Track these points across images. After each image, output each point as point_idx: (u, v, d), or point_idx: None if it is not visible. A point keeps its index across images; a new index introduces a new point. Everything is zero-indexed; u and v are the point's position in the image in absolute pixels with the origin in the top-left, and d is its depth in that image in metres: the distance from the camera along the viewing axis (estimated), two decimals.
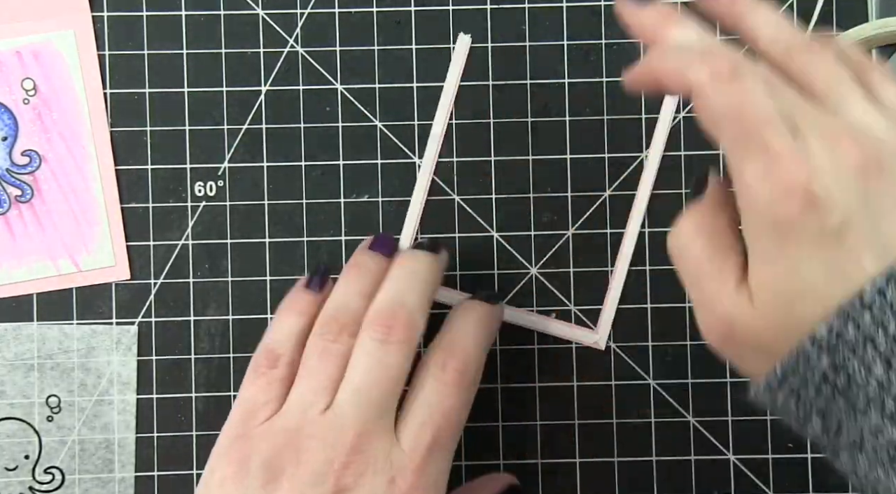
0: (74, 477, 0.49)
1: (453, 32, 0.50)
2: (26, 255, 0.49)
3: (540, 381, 0.50)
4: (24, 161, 0.49)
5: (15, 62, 0.50)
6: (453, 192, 0.50)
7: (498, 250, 0.50)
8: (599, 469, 0.49)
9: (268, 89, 0.50)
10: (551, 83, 0.50)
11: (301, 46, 0.50)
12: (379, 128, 0.50)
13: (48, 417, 0.49)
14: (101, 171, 0.50)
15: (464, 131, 0.50)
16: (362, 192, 0.50)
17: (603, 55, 0.50)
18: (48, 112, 0.50)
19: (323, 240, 0.50)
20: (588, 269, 0.50)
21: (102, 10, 0.50)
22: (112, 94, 0.50)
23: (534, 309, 0.50)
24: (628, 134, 0.50)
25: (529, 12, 0.50)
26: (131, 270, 0.50)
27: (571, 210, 0.50)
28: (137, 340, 0.50)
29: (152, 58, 0.50)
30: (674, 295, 0.50)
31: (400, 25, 0.50)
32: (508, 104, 0.50)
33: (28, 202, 0.49)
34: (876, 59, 0.45)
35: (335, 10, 0.50)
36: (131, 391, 0.49)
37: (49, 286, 0.49)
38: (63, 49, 0.49)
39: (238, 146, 0.50)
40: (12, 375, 0.49)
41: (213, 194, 0.50)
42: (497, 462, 0.49)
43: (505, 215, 0.50)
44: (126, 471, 0.49)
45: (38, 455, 0.49)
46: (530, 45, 0.50)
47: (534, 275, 0.50)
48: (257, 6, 0.50)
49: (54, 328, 0.49)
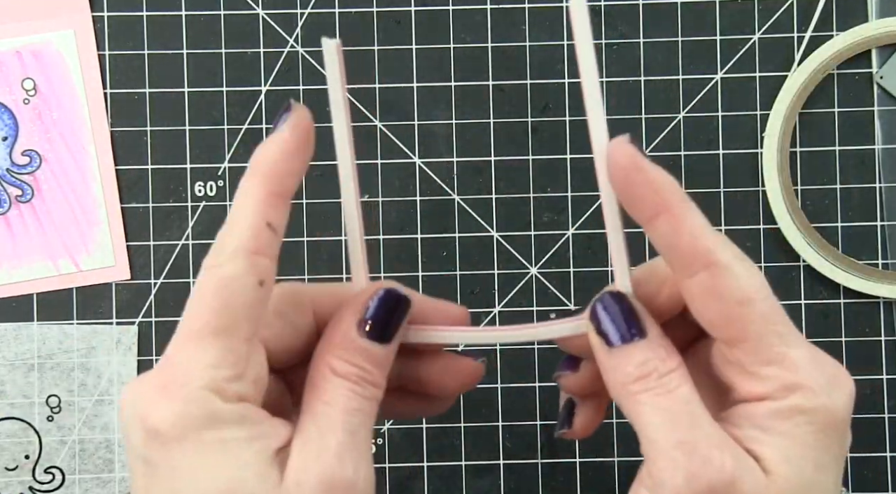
0: (74, 477, 0.49)
1: (453, 32, 0.50)
2: (26, 255, 0.49)
3: (540, 381, 0.50)
4: (25, 161, 0.49)
5: (15, 62, 0.50)
6: (453, 192, 0.50)
7: (498, 250, 0.50)
8: (599, 468, 0.49)
9: (268, 89, 0.50)
10: (551, 83, 0.50)
11: (301, 46, 0.50)
12: (379, 128, 0.50)
13: (48, 417, 0.49)
14: (101, 171, 0.50)
15: (464, 131, 0.50)
16: (362, 192, 0.50)
17: (603, 55, 0.50)
18: (48, 112, 0.50)
19: (323, 240, 0.50)
20: (588, 269, 0.50)
21: (102, 10, 0.50)
22: (112, 94, 0.50)
23: (533, 309, 0.50)
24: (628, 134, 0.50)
25: (529, 12, 0.50)
26: (131, 270, 0.50)
27: (571, 210, 0.50)
28: (137, 340, 0.50)
29: (152, 58, 0.50)
30: None
31: (400, 25, 0.50)
32: (508, 104, 0.50)
33: (28, 202, 0.49)
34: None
35: (335, 10, 0.50)
36: None
37: (49, 286, 0.49)
38: (63, 49, 0.49)
39: (238, 146, 0.50)
40: (12, 375, 0.49)
41: (213, 194, 0.50)
42: (497, 462, 0.49)
43: (505, 215, 0.50)
44: (126, 471, 0.49)
45: (38, 455, 0.49)
46: (530, 45, 0.50)
47: (534, 275, 0.50)
48: (257, 6, 0.50)
49: (54, 328, 0.50)
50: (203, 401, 0.27)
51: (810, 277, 0.50)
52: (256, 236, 0.28)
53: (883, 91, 0.50)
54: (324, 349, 0.30)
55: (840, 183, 0.50)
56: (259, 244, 0.28)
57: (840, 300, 0.50)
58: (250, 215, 0.28)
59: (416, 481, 0.49)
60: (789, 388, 0.28)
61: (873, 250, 0.50)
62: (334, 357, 0.29)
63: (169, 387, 0.27)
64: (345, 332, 0.30)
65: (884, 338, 0.50)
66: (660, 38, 0.50)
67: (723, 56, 0.50)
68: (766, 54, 0.50)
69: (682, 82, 0.50)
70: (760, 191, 0.50)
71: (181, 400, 0.26)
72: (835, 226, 0.50)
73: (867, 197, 0.50)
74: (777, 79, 0.50)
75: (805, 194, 0.50)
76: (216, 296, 0.27)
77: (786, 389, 0.28)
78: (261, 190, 0.29)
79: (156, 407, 0.27)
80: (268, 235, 0.28)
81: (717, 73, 0.50)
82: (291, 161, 0.29)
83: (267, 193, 0.29)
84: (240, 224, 0.28)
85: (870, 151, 0.50)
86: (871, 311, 0.50)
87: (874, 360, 0.50)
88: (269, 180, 0.29)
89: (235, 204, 0.29)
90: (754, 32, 0.50)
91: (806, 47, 0.50)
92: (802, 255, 0.49)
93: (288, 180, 0.29)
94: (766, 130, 0.50)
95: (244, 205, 0.29)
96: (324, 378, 0.29)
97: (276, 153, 0.29)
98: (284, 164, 0.29)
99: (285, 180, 0.29)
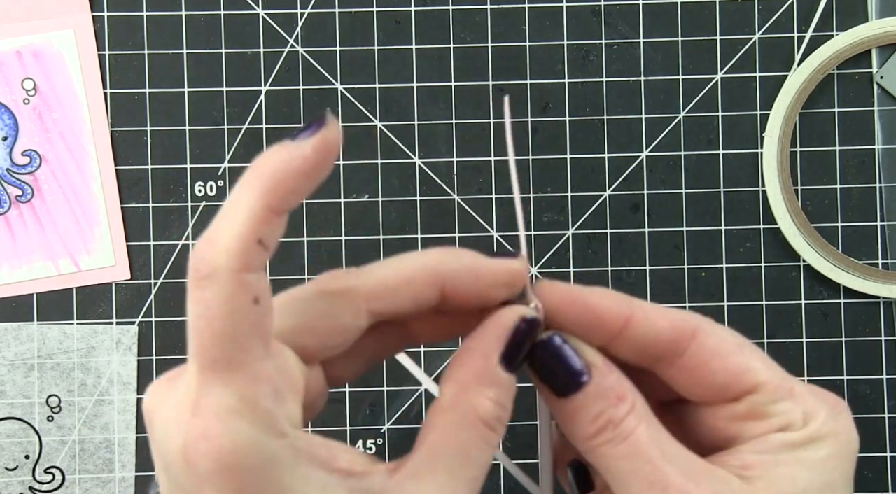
0: (74, 477, 0.49)
1: (453, 32, 0.50)
2: (26, 255, 0.49)
3: None
4: (25, 161, 0.49)
5: (15, 62, 0.50)
6: (453, 192, 0.50)
7: (498, 250, 0.50)
8: None
9: (268, 89, 0.50)
10: (551, 83, 0.50)
11: (301, 46, 0.50)
12: (379, 128, 0.50)
13: (48, 417, 0.49)
14: (101, 171, 0.50)
15: (464, 131, 0.50)
16: (362, 192, 0.50)
17: (603, 55, 0.50)
18: (48, 112, 0.50)
19: (323, 240, 0.50)
20: (588, 269, 0.50)
21: (102, 10, 0.50)
22: (112, 94, 0.50)
23: None
24: (628, 134, 0.50)
25: (529, 12, 0.50)
26: (131, 270, 0.50)
27: (571, 210, 0.50)
28: (137, 340, 0.50)
29: (152, 58, 0.50)
30: (674, 294, 0.50)
31: (400, 25, 0.50)
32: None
33: (28, 202, 0.49)
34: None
35: (335, 10, 0.50)
36: (131, 391, 0.49)
37: (49, 286, 0.50)
38: (63, 49, 0.50)
39: (238, 146, 0.50)
40: (12, 375, 0.49)
41: (213, 194, 0.50)
42: (497, 461, 0.49)
43: (505, 215, 0.50)
44: (126, 471, 0.49)
45: (38, 455, 0.49)
46: (530, 45, 0.50)
47: (534, 275, 0.50)
48: (257, 6, 0.50)
49: (55, 328, 0.50)
50: (255, 447, 0.25)
51: (810, 277, 0.50)
52: (244, 253, 0.25)
53: (883, 91, 0.50)
54: (463, 381, 0.28)
55: (840, 183, 0.50)
56: (247, 262, 0.25)
57: (840, 300, 0.50)
58: (241, 229, 0.25)
59: None
60: (803, 419, 0.28)
61: (873, 250, 0.50)
62: (479, 394, 0.27)
63: (212, 439, 0.25)
64: (487, 365, 0.27)
65: (884, 338, 0.50)
66: (660, 38, 0.50)
67: (723, 56, 0.50)
68: (766, 54, 0.50)
69: (682, 82, 0.50)
70: (760, 191, 0.50)
71: (233, 453, 0.24)
72: (835, 226, 0.50)
73: (867, 197, 0.50)
74: (777, 79, 0.50)
75: (805, 194, 0.50)
76: (213, 327, 0.25)
77: (799, 420, 0.28)
78: (258, 203, 0.25)
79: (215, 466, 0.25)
80: (258, 252, 0.25)
81: (717, 73, 0.50)
82: (302, 181, 0.25)
83: (264, 208, 0.25)
84: (227, 235, 0.25)
85: (870, 151, 0.50)
86: (871, 311, 0.50)
87: (874, 360, 0.50)
88: (270, 194, 0.25)
89: (227, 209, 0.25)
90: (754, 32, 0.50)
91: (806, 47, 0.50)
92: (802, 255, 0.49)
93: (291, 199, 0.25)
94: (766, 130, 0.50)
95: (236, 214, 0.25)
96: (463, 421, 0.27)
97: (287, 167, 0.25)
98: (292, 182, 0.25)
99: (288, 198, 0.25)
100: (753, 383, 0.28)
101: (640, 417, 0.28)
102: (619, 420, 0.28)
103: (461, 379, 0.28)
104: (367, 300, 0.28)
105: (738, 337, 0.29)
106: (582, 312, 0.28)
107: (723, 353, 0.28)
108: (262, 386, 0.25)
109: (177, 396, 0.26)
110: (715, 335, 0.28)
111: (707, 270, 0.50)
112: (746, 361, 0.28)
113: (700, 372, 0.28)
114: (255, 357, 0.25)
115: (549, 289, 0.29)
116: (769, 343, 0.50)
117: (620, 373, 0.29)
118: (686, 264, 0.50)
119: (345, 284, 0.28)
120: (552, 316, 0.29)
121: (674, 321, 0.28)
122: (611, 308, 0.28)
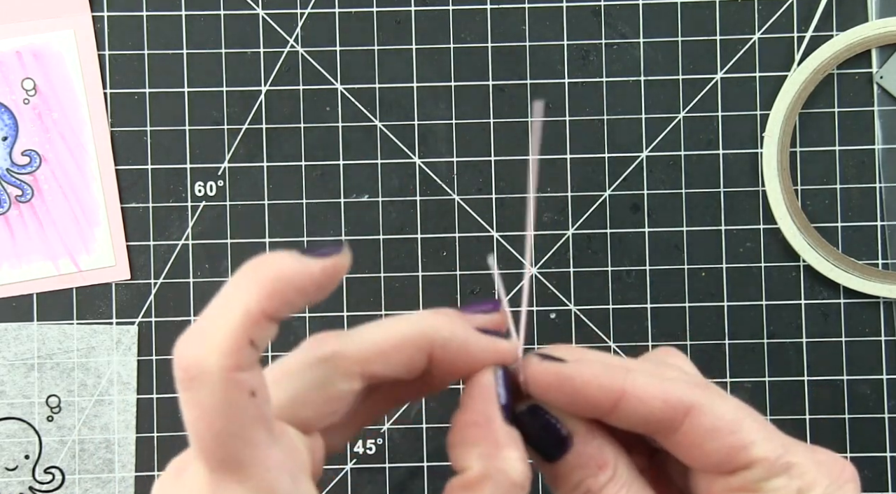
0: (74, 477, 0.49)
1: (453, 32, 0.50)
2: (26, 255, 0.49)
3: None
4: (24, 161, 0.49)
5: (15, 62, 0.50)
6: (453, 192, 0.50)
7: (498, 250, 0.50)
8: None
9: (268, 89, 0.50)
10: (551, 83, 0.50)
11: (301, 46, 0.50)
12: (379, 128, 0.50)
13: (48, 417, 0.49)
14: (101, 171, 0.50)
15: (464, 131, 0.50)
16: (362, 192, 0.50)
17: (603, 55, 0.50)
18: (48, 112, 0.50)
19: (323, 241, 0.50)
20: (588, 269, 0.50)
21: (102, 10, 0.50)
22: (112, 94, 0.50)
23: (534, 309, 0.50)
24: (628, 134, 0.50)
25: (529, 12, 0.50)
26: (131, 270, 0.50)
27: (571, 210, 0.50)
28: (137, 340, 0.50)
29: (152, 58, 0.50)
30: (674, 294, 0.50)
31: (400, 25, 0.50)
32: (508, 104, 0.50)
33: (28, 202, 0.49)
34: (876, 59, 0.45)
35: (335, 10, 0.50)
36: (131, 391, 0.49)
37: (49, 286, 0.50)
38: (63, 49, 0.50)
39: (238, 146, 0.50)
40: (12, 375, 0.49)
41: (212, 194, 0.50)
42: None
43: (505, 215, 0.50)
44: (126, 471, 0.49)
45: (38, 455, 0.49)
46: (530, 45, 0.50)
47: (534, 275, 0.50)
48: (257, 6, 0.50)
49: (54, 328, 0.50)
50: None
51: (810, 277, 0.50)
52: (236, 353, 0.24)
53: (883, 91, 0.50)
54: (485, 453, 0.28)
55: (840, 183, 0.50)
56: (238, 362, 0.24)
57: (840, 300, 0.50)
58: (233, 329, 0.24)
59: (416, 481, 0.49)
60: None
61: (873, 250, 0.50)
62: (506, 460, 0.28)
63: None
64: (497, 428, 0.28)
65: (884, 338, 0.50)
66: (660, 38, 0.50)
67: (723, 56, 0.50)
68: (766, 54, 0.50)
69: (682, 82, 0.50)
70: (760, 191, 0.50)
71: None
72: (835, 226, 0.50)
73: (867, 197, 0.50)
74: (777, 79, 0.50)
75: (805, 194, 0.50)
76: (213, 428, 0.24)
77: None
78: (255, 305, 0.25)
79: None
80: (249, 352, 0.25)
81: (717, 73, 0.50)
82: (301, 295, 0.26)
83: (260, 312, 0.25)
84: (220, 333, 0.24)
85: (870, 151, 0.50)
86: (871, 311, 0.50)
87: (874, 360, 0.50)
88: (268, 300, 0.25)
89: (221, 303, 0.25)
90: (754, 32, 0.50)
91: (806, 47, 0.50)
92: (802, 255, 0.49)
93: (286, 309, 0.26)
94: (766, 130, 0.50)
95: (230, 311, 0.24)
96: (497, 489, 0.28)
97: (291, 278, 0.25)
98: (292, 294, 0.25)
99: (284, 308, 0.25)
100: (748, 460, 0.28)
101: (622, 484, 0.28)
102: (598, 490, 0.28)
103: (483, 452, 0.28)
104: (357, 363, 0.28)
105: (737, 410, 0.28)
106: (571, 395, 0.28)
107: (718, 433, 0.28)
108: (276, 474, 0.25)
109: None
110: (711, 413, 0.28)
111: (707, 270, 0.50)
112: (742, 439, 0.28)
113: (693, 449, 0.28)
114: (262, 446, 0.25)
115: (537, 370, 0.29)
116: (769, 343, 0.50)
117: (603, 440, 0.29)
118: (686, 264, 0.50)
119: (333, 349, 0.28)
120: (540, 396, 0.29)
121: (668, 399, 0.28)
122: (601, 388, 0.28)
